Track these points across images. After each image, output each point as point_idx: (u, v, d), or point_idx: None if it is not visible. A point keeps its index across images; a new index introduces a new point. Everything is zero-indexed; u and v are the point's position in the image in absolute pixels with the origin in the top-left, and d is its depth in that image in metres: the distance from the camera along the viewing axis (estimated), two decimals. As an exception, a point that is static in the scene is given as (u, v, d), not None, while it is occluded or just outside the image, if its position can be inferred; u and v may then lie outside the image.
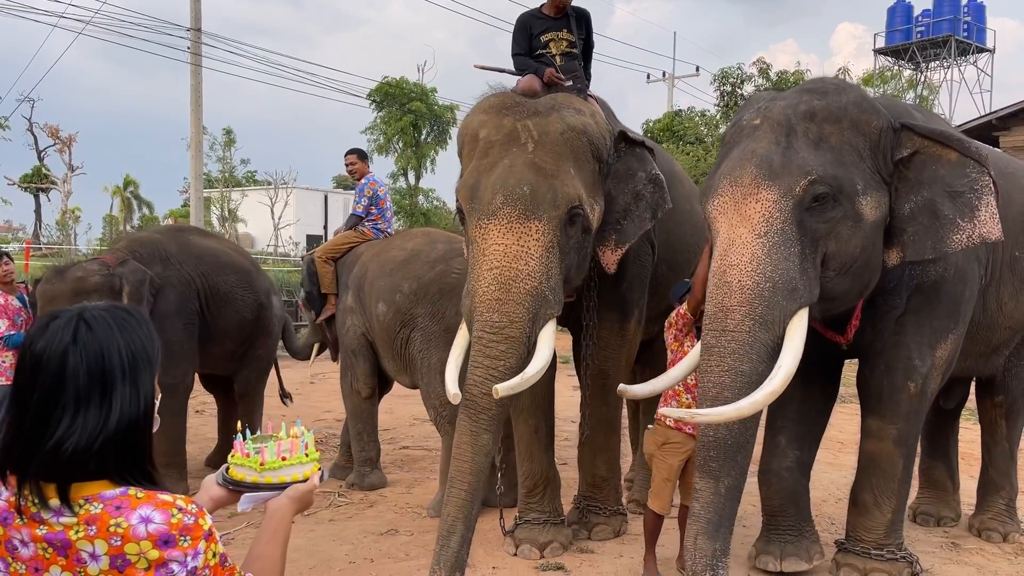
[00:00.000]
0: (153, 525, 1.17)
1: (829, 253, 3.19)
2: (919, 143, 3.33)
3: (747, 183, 3.15)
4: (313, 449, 1.53)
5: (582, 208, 3.59)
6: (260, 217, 31.28)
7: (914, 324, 3.61)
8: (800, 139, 3.20)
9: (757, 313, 3.06)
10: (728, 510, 3.18)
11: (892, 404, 3.66)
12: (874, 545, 3.75)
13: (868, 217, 3.21)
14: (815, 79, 3.64)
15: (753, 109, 3.45)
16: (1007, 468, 4.67)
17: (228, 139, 32.22)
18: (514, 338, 3.42)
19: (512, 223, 3.47)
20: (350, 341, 5.44)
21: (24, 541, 1.19)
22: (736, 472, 3.18)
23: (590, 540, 4.41)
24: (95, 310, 1.25)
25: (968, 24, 32.89)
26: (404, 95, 28.44)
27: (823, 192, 3.12)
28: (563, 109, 3.74)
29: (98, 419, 1.18)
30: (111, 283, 4.71)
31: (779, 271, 3.06)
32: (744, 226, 3.12)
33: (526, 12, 4.45)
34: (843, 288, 3.29)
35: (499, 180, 3.53)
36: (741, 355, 3.07)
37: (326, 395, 8.13)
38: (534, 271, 3.44)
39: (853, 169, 3.20)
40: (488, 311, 3.44)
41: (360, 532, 4.56)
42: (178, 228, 7.48)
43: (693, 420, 3.39)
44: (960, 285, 3.65)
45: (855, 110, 3.26)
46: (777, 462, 3.95)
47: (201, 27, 15.54)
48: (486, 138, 3.71)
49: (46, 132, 33.44)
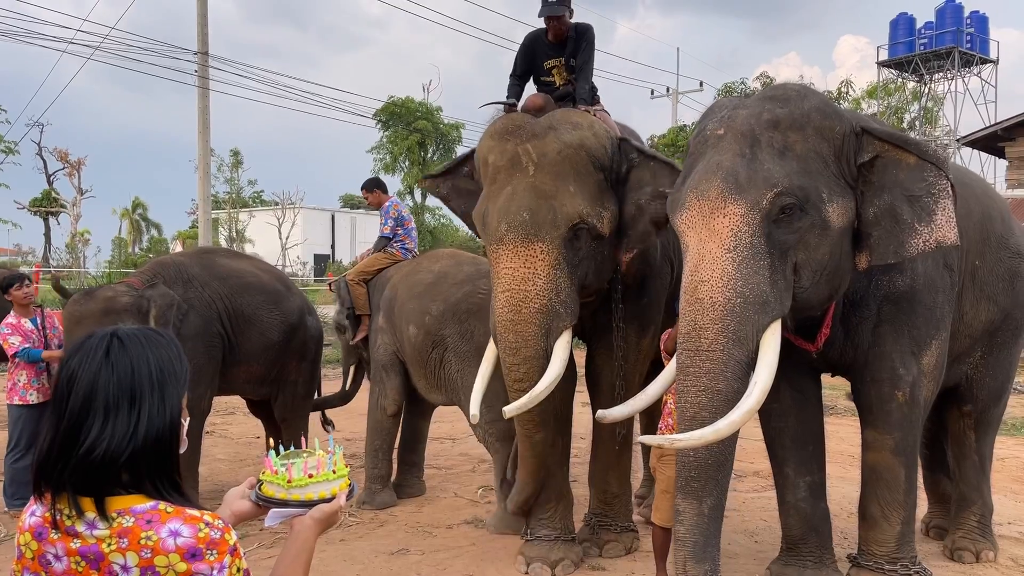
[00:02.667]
0: (182, 539, 1.22)
1: (799, 262, 3.17)
2: (879, 147, 3.31)
3: (714, 197, 3.13)
4: (343, 465, 1.54)
5: (585, 222, 3.74)
6: (268, 237, 31.43)
7: (892, 334, 3.59)
8: (764, 149, 3.18)
9: (730, 330, 3.05)
10: (713, 530, 3.17)
11: (883, 414, 3.63)
12: (887, 559, 3.70)
13: (835, 224, 3.20)
14: (776, 86, 3.60)
15: (716, 118, 3.41)
16: (978, 482, 4.50)
17: (235, 160, 32.42)
18: (530, 357, 3.68)
19: (517, 247, 3.68)
20: (381, 357, 5.52)
21: (58, 555, 1.25)
22: (718, 491, 3.18)
23: (601, 557, 4.39)
24: (128, 329, 1.33)
25: (971, 36, 32.95)
26: (410, 114, 28.63)
27: (790, 203, 3.10)
28: (560, 127, 3.84)
29: (127, 428, 1.24)
30: (139, 305, 4.75)
31: (750, 285, 3.05)
32: (713, 241, 3.11)
33: (532, 33, 4.52)
34: (818, 295, 3.29)
35: (503, 208, 3.75)
36: (716, 374, 3.06)
37: (334, 414, 8.12)
38: (542, 290, 3.66)
39: (818, 177, 3.19)
40: (504, 331, 3.71)
41: (371, 552, 4.56)
42: (206, 250, 7.32)
43: (672, 447, 3.38)
44: (931, 293, 3.63)
45: (818, 116, 3.24)
46: (791, 495, 3.91)
47: (208, 50, 15.71)
48: (493, 164, 3.90)
49: (55, 156, 33.77)
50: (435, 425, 6.42)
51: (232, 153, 32.41)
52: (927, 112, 30.85)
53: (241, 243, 30.95)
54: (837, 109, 3.37)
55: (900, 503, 3.67)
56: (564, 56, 4.39)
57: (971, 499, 4.49)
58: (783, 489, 3.95)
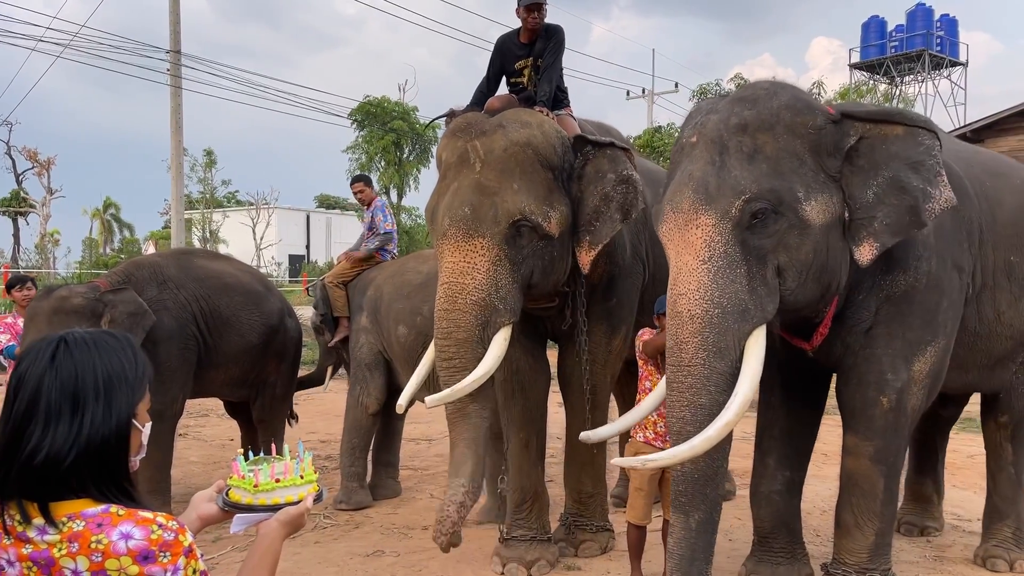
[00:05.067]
0: (133, 541, 1.21)
1: (782, 265, 3.13)
2: (862, 128, 3.25)
3: (687, 209, 3.12)
4: (311, 471, 1.54)
5: (528, 220, 3.72)
6: (242, 238, 31.18)
7: (885, 337, 3.49)
8: (733, 156, 3.14)
9: (710, 342, 3.03)
10: (701, 544, 3.15)
11: (866, 420, 3.53)
12: (857, 569, 3.59)
13: (815, 221, 3.14)
14: (748, 85, 3.53)
15: (691, 125, 3.39)
16: (1012, 495, 4.32)
17: (209, 160, 32.13)
18: (461, 340, 3.67)
19: (459, 242, 3.72)
20: (364, 357, 5.51)
21: (10, 561, 1.23)
22: (706, 506, 3.16)
23: (577, 557, 4.40)
24: (79, 334, 1.32)
25: (941, 39, 33.48)
26: (386, 114, 28.50)
27: (761, 208, 3.07)
28: (508, 125, 3.84)
29: (68, 434, 1.23)
30: (93, 308, 4.63)
31: (727, 295, 3.03)
32: (688, 253, 3.10)
33: (505, 35, 4.53)
34: (807, 295, 3.24)
35: (447, 203, 3.80)
36: (698, 388, 3.05)
37: (310, 416, 8.09)
38: (480, 284, 3.68)
39: (792, 176, 3.13)
40: (439, 319, 3.73)
41: (346, 554, 4.53)
42: (183, 251, 7.25)
43: (645, 467, 3.40)
44: (934, 294, 3.50)
45: (788, 114, 3.18)
46: (767, 485, 3.88)
47: (180, 49, 15.55)
48: (446, 160, 3.96)
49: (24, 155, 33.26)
50: (411, 426, 6.40)
51: (206, 153, 32.14)
52: (898, 114, 31.18)
53: (215, 243, 30.68)
54: (809, 103, 3.28)
55: (875, 513, 3.55)
56: (533, 56, 4.38)
57: (1005, 512, 4.34)
58: (759, 478, 3.92)
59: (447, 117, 4.26)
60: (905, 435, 3.63)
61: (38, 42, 15.76)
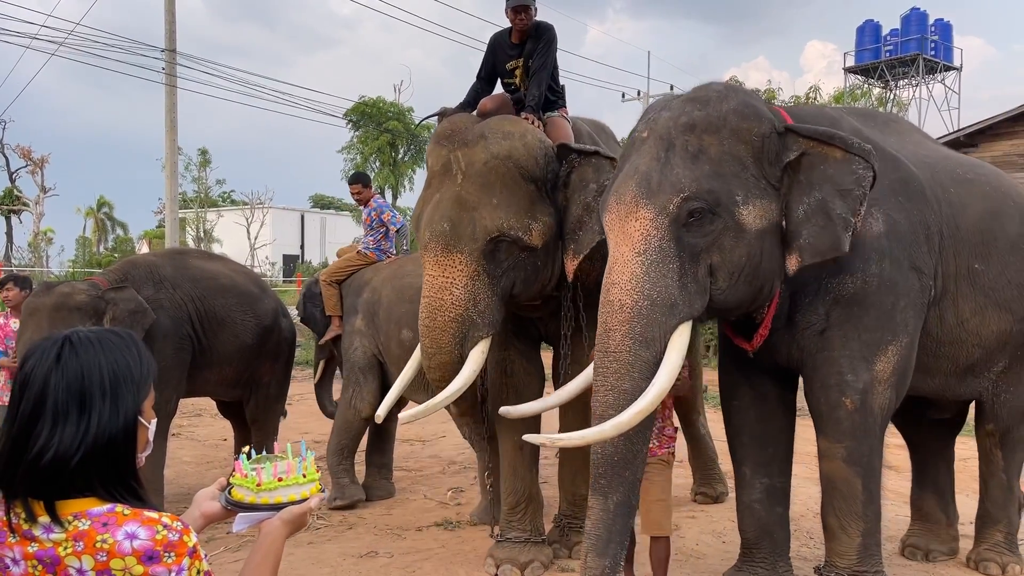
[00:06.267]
0: (138, 541, 1.21)
1: (714, 264, 3.18)
2: (804, 144, 3.27)
3: (628, 201, 3.17)
4: (313, 470, 1.54)
5: (506, 236, 3.75)
6: (236, 237, 31.10)
7: (840, 339, 3.49)
8: (678, 154, 3.18)
9: (636, 332, 3.08)
10: (617, 526, 3.18)
11: (833, 422, 3.53)
12: (848, 571, 3.58)
13: (751, 226, 3.17)
14: (701, 86, 3.51)
15: (644, 120, 3.42)
16: (1004, 501, 4.33)
17: (203, 159, 32.05)
18: (444, 363, 3.80)
19: (438, 256, 3.78)
20: (359, 360, 5.51)
21: (16, 559, 1.24)
22: (624, 488, 3.19)
23: (571, 559, 4.39)
24: (84, 332, 1.32)
25: (935, 43, 33.59)
26: (381, 114, 28.49)
27: (698, 208, 3.11)
28: (490, 137, 3.84)
29: (75, 433, 1.23)
30: (96, 306, 4.64)
31: (657, 288, 3.08)
32: (626, 244, 3.15)
33: (497, 34, 4.50)
34: (737, 296, 3.26)
35: (429, 216, 3.84)
36: (622, 374, 3.10)
37: (304, 416, 8.07)
38: (458, 300, 3.76)
39: (733, 180, 3.17)
40: (423, 336, 3.85)
41: (340, 554, 4.53)
42: (179, 251, 7.19)
43: (555, 445, 3.46)
44: (888, 295, 3.49)
45: (735, 118, 3.21)
46: (746, 495, 3.88)
47: (176, 48, 15.51)
48: (431, 168, 3.99)
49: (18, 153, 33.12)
50: (405, 427, 6.39)
51: (200, 152, 32.05)
52: (892, 118, 31.29)
53: (209, 243, 30.61)
54: (758, 110, 3.30)
55: (858, 515, 3.54)
56: (524, 57, 4.35)
57: (997, 517, 4.36)
58: (739, 488, 3.92)
59: (438, 116, 4.25)
60: (876, 435, 3.60)
61: (32, 40, 15.71)
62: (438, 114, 4.29)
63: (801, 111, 3.91)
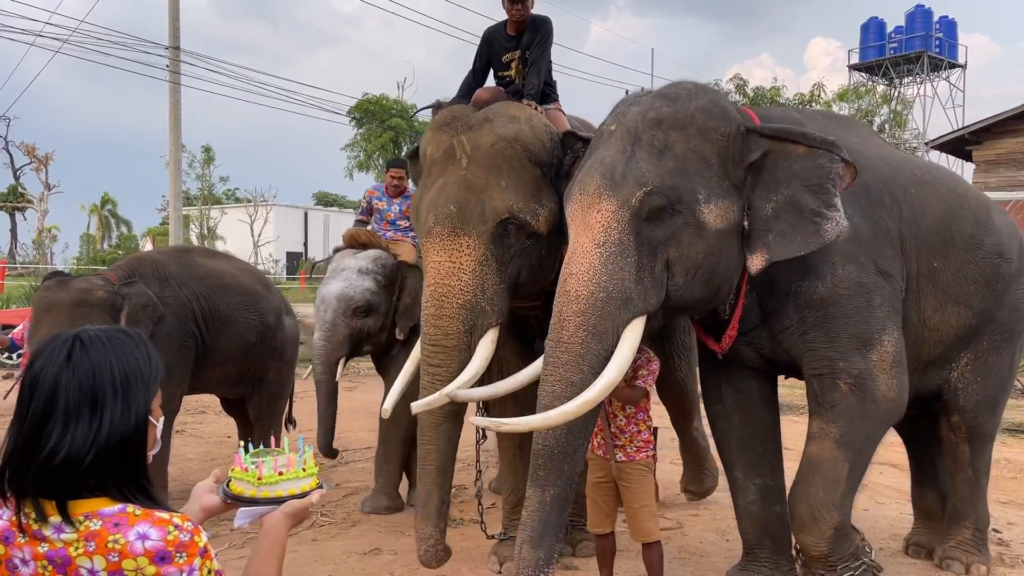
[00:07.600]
0: (150, 542, 1.21)
1: (671, 260, 3.16)
2: (766, 144, 3.28)
3: (592, 192, 3.17)
4: (312, 464, 1.54)
5: (516, 218, 3.61)
6: (240, 235, 31.17)
7: (824, 338, 3.46)
8: (644, 148, 3.18)
9: (590, 324, 3.08)
10: (554, 519, 3.17)
11: (828, 403, 3.49)
12: (824, 565, 3.52)
13: (712, 225, 3.17)
14: (672, 83, 3.50)
15: (614, 114, 3.42)
16: (971, 496, 4.26)
17: (207, 157, 32.14)
18: (449, 348, 3.57)
19: (444, 241, 3.58)
20: None
21: (25, 560, 1.23)
22: (562, 481, 3.18)
23: (574, 556, 4.40)
24: (93, 331, 1.31)
25: (940, 40, 33.54)
26: (384, 112, 28.48)
27: (659, 203, 3.11)
28: (496, 120, 3.75)
29: (88, 433, 1.23)
30: (113, 301, 4.63)
31: (614, 281, 3.07)
32: (586, 235, 3.15)
33: (492, 27, 4.47)
34: (693, 295, 3.25)
35: (432, 200, 3.66)
36: (572, 365, 3.09)
37: (309, 416, 8.06)
38: (467, 285, 3.55)
39: (696, 178, 3.16)
40: (427, 326, 3.62)
41: (343, 552, 4.54)
42: (184, 249, 7.21)
43: (499, 429, 3.45)
44: (861, 297, 3.47)
45: (703, 117, 3.22)
46: (742, 498, 3.86)
47: (180, 45, 15.53)
48: (430, 155, 3.82)
49: (22, 151, 33.26)
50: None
51: (204, 149, 32.15)
52: (896, 115, 31.28)
53: (212, 240, 30.67)
54: (725, 110, 3.30)
55: (834, 504, 3.44)
56: (520, 49, 4.31)
57: (964, 513, 4.28)
58: (734, 492, 3.91)
59: (433, 108, 4.20)
60: (876, 424, 3.54)
61: (37, 37, 15.76)
62: (433, 106, 4.23)
63: (769, 113, 3.93)
